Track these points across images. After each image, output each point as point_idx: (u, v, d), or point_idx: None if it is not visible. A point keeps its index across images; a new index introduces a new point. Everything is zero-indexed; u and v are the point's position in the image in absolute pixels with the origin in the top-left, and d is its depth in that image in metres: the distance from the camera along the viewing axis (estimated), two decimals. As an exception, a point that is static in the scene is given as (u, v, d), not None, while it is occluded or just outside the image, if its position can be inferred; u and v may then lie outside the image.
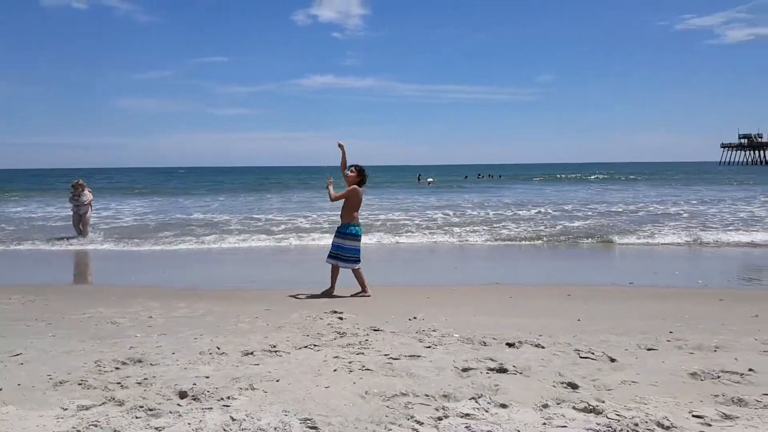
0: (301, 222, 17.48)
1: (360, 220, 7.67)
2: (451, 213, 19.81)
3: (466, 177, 60.22)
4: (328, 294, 7.43)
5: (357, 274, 7.48)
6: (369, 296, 7.34)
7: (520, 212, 20.49)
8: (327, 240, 12.86)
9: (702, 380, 3.81)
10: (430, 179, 50.40)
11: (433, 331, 5.23)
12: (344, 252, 7.46)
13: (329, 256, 7.54)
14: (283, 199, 29.67)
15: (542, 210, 21.17)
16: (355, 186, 7.52)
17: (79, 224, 14.16)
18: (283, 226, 16.25)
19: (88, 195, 14.32)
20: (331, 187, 7.66)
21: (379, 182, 45.54)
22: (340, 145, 7.68)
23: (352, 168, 7.60)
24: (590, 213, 19.58)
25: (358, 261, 7.49)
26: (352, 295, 7.37)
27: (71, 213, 14.37)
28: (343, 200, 7.53)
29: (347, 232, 7.49)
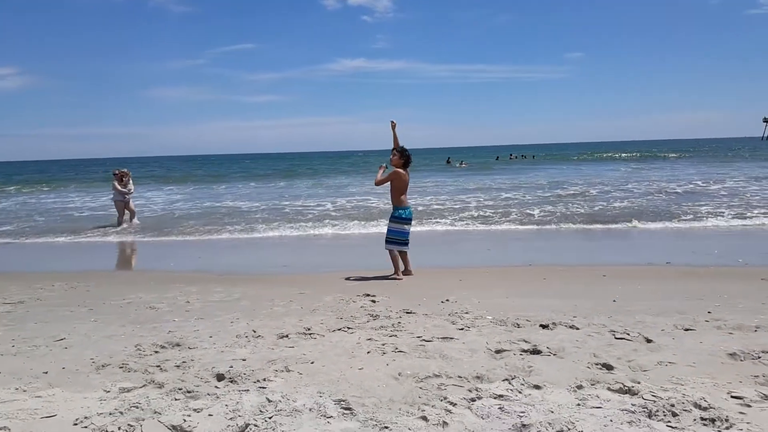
0: (329, 208, 17.49)
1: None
2: (483, 197, 19.56)
3: (498, 158, 59.46)
4: (405, 273, 7.56)
5: (392, 255, 7.55)
6: (400, 279, 7.39)
7: (558, 191, 20.19)
8: (355, 229, 12.94)
9: (741, 361, 3.74)
10: (464, 163, 49.78)
11: (466, 313, 5.22)
12: (387, 233, 7.64)
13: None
14: (313, 185, 29.72)
15: (579, 190, 20.84)
16: (398, 169, 7.58)
17: (125, 212, 14.56)
18: (310, 214, 16.25)
19: (131, 185, 14.77)
20: (379, 173, 7.75)
21: (408, 166, 45.19)
22: (392, 124, 7.74)
23: (395, 151, 7.64)
24: (629, 194, 19.02)
25: (395, 243, 7.57)
26: (383, 277, 7.43)
27: (115, 201, 14.70)
28: (390, 184, 7.61)
29: (393, 215, 7.67)
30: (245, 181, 34.85)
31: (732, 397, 3.11)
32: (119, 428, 2.90)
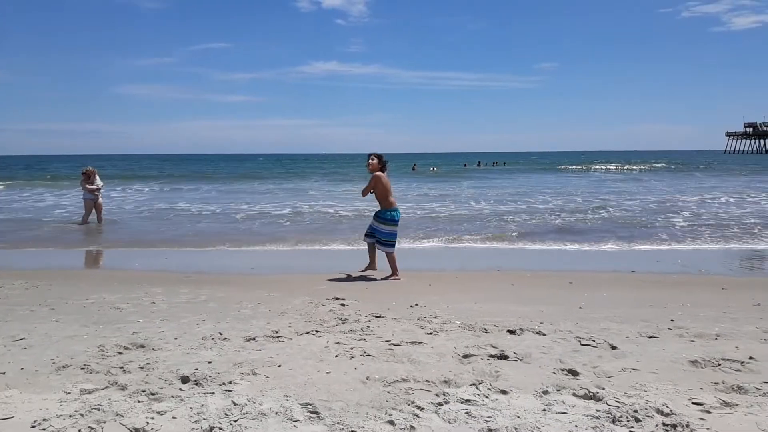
0: (287, 211, 17.21)
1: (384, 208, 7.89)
2: (452, 205, 19.54)
3: (466, 165, 59.76)
4: (370, 269, 7.89)
5: (390, 258, 7.72)
6: (399, 279, 7.57)
7: (529, 201, 20.39)
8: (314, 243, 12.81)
9: (702, 368, 3.82)
10: (433, 168, 49.90)
11: (435, 318, 5.24)
12: (381, 236, 7.77)
13: (365, 235, 7.98)
14: (277, 188, 29.43)
15: (547, 198, 21.09)
16: (377, 174, 7.71)
17: (93, 210, 14.30)
18: (263, 219, 16.03)
19: (99, 181, 14.50)
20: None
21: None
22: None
23: (372, 156, 7.78)
24: (603, 204, 18.44)
25: (392, 246, 7.76)
26: (382, 279, 7.64)
27: (85, 200, 14.38)
28: (373, 191, 7.78)
29: (385, 217, 7.78)
30: (208, 182, 34.53)
31: (693, 403, 3.18)
32: (79, 430, 2.83)
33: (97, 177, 14.53)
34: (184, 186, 31.13)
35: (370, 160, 7.76)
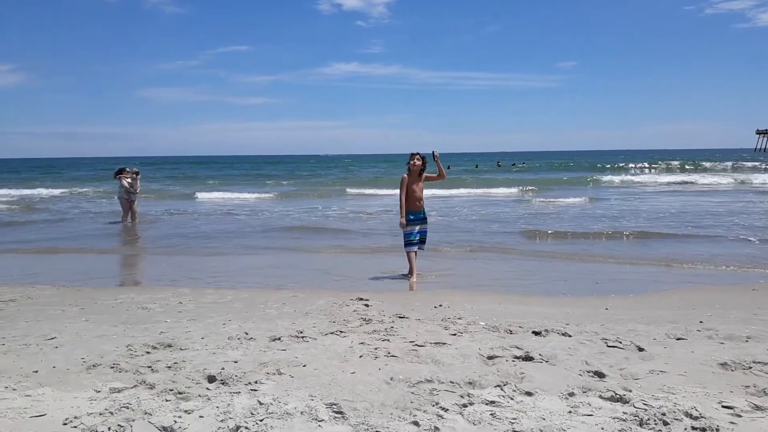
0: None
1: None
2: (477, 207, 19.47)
3: (477, 166, 57.22)
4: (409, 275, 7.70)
5: (408, 256, 7.73)
6: (413, 280, 7.49)
7: (556, 204, 20.19)
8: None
9: (732, 370, 3.75)
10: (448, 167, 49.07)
11: (459, 318, 5.22)
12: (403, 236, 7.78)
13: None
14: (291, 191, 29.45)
15: (578, 200, 20.86)
16: (404, 176, 7.71)
17: (130, 211, 14.58)
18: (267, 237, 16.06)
19: (138, 184, 14.78)
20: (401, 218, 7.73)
21: (379, 172, 44.76)
22: (434, 155, 7.64)
23: (417, 156, 7.72)
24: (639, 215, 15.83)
25: (408, 245, 7.69)
26: (404, 279, 7.64)
27: (121, 199, 14.62)
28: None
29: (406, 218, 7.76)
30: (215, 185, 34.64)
31: (723, 407, 3.12)
32: (109, 428, 2.88)
33: (128, 177, 14.63)
34: (195, 188, 31.41)
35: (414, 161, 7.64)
